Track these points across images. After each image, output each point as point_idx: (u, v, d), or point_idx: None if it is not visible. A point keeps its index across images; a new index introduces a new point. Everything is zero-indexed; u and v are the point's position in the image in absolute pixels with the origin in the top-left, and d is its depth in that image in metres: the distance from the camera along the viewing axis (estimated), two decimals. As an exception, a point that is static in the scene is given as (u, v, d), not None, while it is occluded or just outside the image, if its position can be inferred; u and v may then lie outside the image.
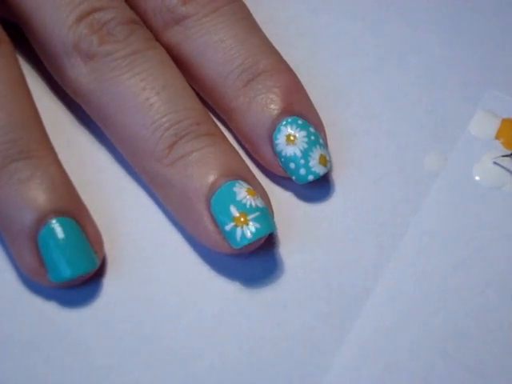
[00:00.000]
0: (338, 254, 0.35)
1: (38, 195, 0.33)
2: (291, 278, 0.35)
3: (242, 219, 0.33)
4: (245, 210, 0.33)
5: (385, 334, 0.34)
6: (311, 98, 0.37)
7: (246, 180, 0.34)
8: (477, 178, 0.37)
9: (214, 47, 0.36)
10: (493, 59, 0.40)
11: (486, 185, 0.37)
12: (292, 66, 0.37)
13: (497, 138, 0.38)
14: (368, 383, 0.33)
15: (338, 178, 0.37)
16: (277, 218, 0.35)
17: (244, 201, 0.33)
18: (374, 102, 0.39)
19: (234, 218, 0.33)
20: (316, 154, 0.35)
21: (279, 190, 0.37)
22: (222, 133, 0.35)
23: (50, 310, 0.34)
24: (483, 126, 0.38)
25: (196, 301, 0.34)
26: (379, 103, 0.39)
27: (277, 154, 0.36)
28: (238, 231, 0.33)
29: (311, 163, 0.35)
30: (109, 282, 0.34)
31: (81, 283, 0.34)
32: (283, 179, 0.36)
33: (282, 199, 0.36)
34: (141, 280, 0.34)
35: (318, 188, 0.36)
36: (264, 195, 0.35)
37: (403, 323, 0.34)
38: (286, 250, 0.35)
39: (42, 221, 0.33)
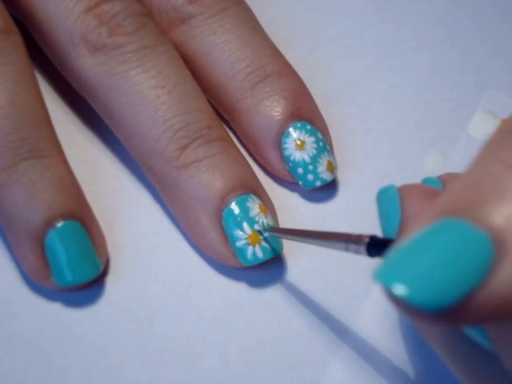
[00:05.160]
0: (338, 255, 0.35)
1: (48, 197, 0.32)
2: (291, 279, 0.35)
3: (255, 238, 0.33)
4: (257, 229, 0.33)
5: (385, 334, 0.33)
6: (311, 98, 0.37)
7: (256, 193, 0.34)
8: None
9: (221, 47, 0.36)
10: (493, 59, 0.40)
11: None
12: (292, 65, 0.37)
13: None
14: (368, 383, 0.33)
15: (338, 177, 0.37)
16: (278, 218, 0.35)
17: (257, 218, 0.33)
18: (374, 102, 0.39)
19: (246, 236, 0.33)
20: (324, 161, 0.35)
21: (280, 190, 0.37)
22: (231, 137, 0.35)
23: (50, 309, 0.34)
24: (483, 126, 0.38)
25: (196, 301, 0.34)
26: (379, 103, 0.39)
27: (284, 158, 0.36)
28: (250, 249, 0.33)
29: (319, 169, 0.35)
30: (109, 282, 0.34)
31: (83, 286, 0.34)
32: (285, 180, 0.37)
33: (282, 199, 0.36)
34: (141, 280, 0.34)
35: (319, 188, 0.36)
36: (271, 208, 0.35)
37: (403, 323, 0.34)
38: (286, 250, 0.35)
39: (50, 223, 0.32)
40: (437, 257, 0.21)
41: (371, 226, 0.36)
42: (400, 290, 0.21)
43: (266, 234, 0.33)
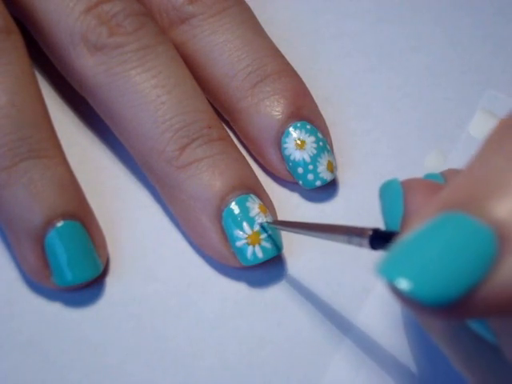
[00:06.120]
0: (338, 254, 0.35)
1: (48, 197, 0.33)
2: (291, 278, 0.35)
3: (254, 238, 0.33)
4: (257, 229, 0.33)
5: (385, 333, 0.33)
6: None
7: (256, 193, 0.34)
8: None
9: (221, 47, 0.36)
10: (493, 59, 0.40)
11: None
12: (292, 65, 0.37)
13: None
14: (369, 382, 0.33)
15: (338, 177, 0.37)
16: (278, 218, 0.35)
17: (257, 218, 0.33)
18: (374, 101, 0.39)
19: (246, 236, 0.33)
20: (324, 160, 0.35)
21: (280, 190, 0.37)
22: (231, 137, 0.35)
23: (50, 309, 0.34)
24: (483, 126, 0.38)
25: (196, 301, 0.34)
26: (379, 103, 0.39)
27: (284, 158, 0.36)
28: (250, 249, 0.33)
29: (319, 169, 0.35)
30: (109, 282, 0.34)
31: (83, 286, 0.34)
32: (285, 180, 0.37)
33: (282, 199, 0.36)
34: (141, 280, 0.34)
35: (319, 188, 0.36)
36: (271, 208, 0.35)
37: (404, 321, 0.34)
38: (286, 250, 0.35)
39: (50, 223, 0.32)
40: (440, 251, 0.21)
41: (370, 226, 0.36)
42: (403, 284, 0.21)
43: (270, 232, 0.33)
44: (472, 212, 0.21)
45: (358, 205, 0.37)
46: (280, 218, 0.35)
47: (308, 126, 0.36)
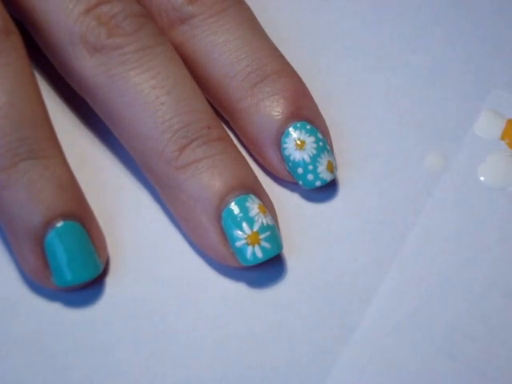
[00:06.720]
0: (339, 254, 0.35)
1: (47, 197, 0.32)
2: (292, 278, 0.35)
3: (254, 238, 0.33)
4: (257, 229, 0.33)
5: (387, 335, 0.33)
6: (311, 98, 0.37)
7: (256, 193, 0.34)
8: (481, 178, 0.37)
9: (220, 47, 0.36)
10: (493, 59, 0.40)
11: (490, 185, 0.37)
12: (292, 66, 0.37)
13: (502, 138, 0.38)
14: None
15: (338, 178, 0.37)
16: (278, 218, 0.35)
17: (256, 218, 0.33)
18: (374, 101, 0.39)
19: (246, 236, 0.33)
20: (324, 161, 0.35)
21: (280, 190, 0.37)
22: (230, 137, 0.35)
23: (50, 309, 0.34)
24: (488, 126, 0.38)
25: (196, 301, 0.34)
26: (379, 103, 0.39)
27: (284, 158, 0.36)
28: (249, 249, 0.33)
29: (319, 169, 0.35)
30: (109, 282, 0.34)
31: (83, 286, 0.34)
32: (285, 180, 0.37)
33: (282, 199, 0.36)
34: (141, 280, 0.34)
35: (319, 188, 0.36)
36: (271, 208, 0.35)
37: (405, 324, 0.34)
38: (286, 250, 0.35)
39: (49, 224, 0.32)
40: None
41: (372, 226, 0.36)
42: None
43: (269, 233, 0.33)
44: None
45: (358, 205, 0.37)
46: (280, 218, 0.35)
47: (308, 126, 0.36)
